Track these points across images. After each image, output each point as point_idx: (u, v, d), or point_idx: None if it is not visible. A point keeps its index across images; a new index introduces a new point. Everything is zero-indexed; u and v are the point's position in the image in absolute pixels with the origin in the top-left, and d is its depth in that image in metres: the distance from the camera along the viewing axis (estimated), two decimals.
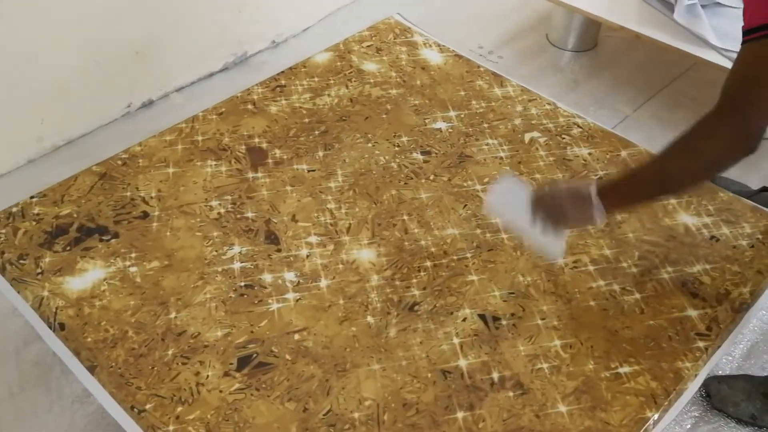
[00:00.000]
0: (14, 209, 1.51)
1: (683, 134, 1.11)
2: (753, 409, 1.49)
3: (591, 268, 1.41)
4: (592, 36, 2.78)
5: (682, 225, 1.50)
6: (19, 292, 1.36)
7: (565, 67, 2.70)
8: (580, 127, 1.73)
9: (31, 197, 1.53)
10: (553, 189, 1.28)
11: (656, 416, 1.19)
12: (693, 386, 1.26)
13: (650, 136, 2.22)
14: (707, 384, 1.54)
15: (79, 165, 1.62)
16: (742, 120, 1.05)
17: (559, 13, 2.73)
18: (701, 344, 1.29)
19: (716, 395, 1.54)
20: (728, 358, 1.65)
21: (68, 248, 1.43)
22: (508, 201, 1.33)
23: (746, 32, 1.04)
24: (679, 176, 1.14)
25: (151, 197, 1.53)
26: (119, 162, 1.62)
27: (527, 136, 1.71)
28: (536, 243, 1.32)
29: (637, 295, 1.36)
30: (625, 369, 1.25)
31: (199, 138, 1.69)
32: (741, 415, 1.52)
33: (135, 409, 1.18)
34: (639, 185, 1.19)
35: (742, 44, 1.05)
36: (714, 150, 1.08)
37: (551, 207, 1.25)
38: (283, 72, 1.89)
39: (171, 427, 1.16)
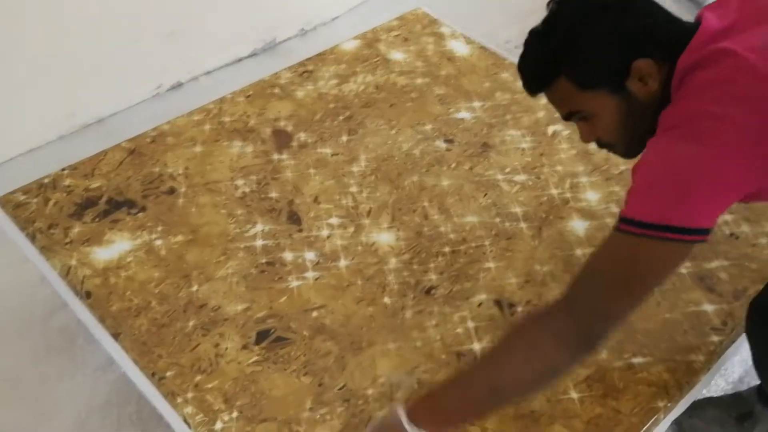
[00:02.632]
0: (46, 180, 1.55)
1: (515, 333, 0.99)
2: None
3: None
4: None
5: None
6: (47, 261, 1.40)
7: None
8: None
9: (63, 169, 1.57)
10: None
11: (668, 404, 1.20)
12: (706, 378, 1.27)
13: None
14: (680, 422, 1.35)
15: (108, 142, 1.65)
16: (588, 326, 0.94)
17: None
18: (716, 338, 1.29)
19: (691, 431, 1.40)
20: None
21: (97, 220, 1.47)
22: None
23: (628, 221, 0.92)
24: (515, 386, 0.97)
25: (179, 174, 1.57)
26: (148, 139, 1.65)
27: (550, 129, 1.72)
28: None
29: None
30: (638, 360, 1.26)
31: (227, 119, 1.72)
32: None
33: (156, 376, 1.21)
34: (463, 398, 0.99)
35: (617, 229, 0.94)
36: (550, 358, 0.94)
37: None
38: (310, 58, 1.92)
39: (190, 395, 1.19)
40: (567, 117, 1.13)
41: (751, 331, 1.21)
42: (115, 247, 1.42)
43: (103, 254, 1.40)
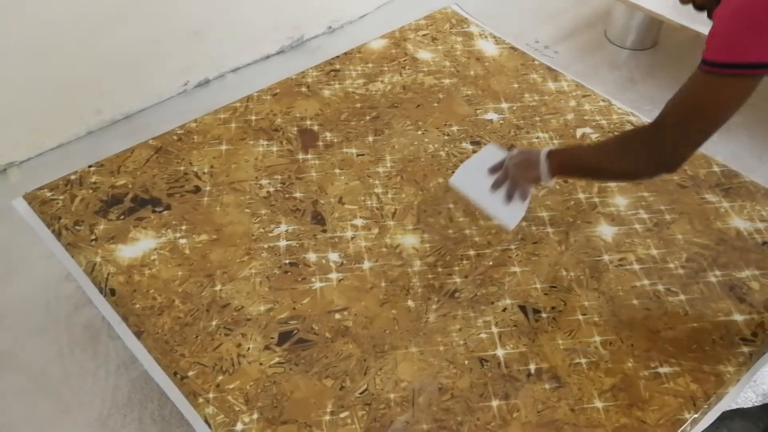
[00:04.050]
0: (72, 177, 1.56)
1: (624, 136, 1.20)
2: None
3: (636, 266, 1.40)
4: (653, 35, 2.73)
5: (733, 229, 1.47)
6: (73, 257, 1.41)
7: (623, 65, 2.66)
8: (634, 126, 1.71)
9: (89, 166, 1.58)
10: (513, 152, 1.36)
11: (695, 416, 1.17)
12: (734, 391, 1.24)
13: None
14: None
15: (136, 139, 1.66)
16: (671, 147, 1.10)
17: (619, 10, 2.69)
18: (745, 349, 1.26)
19: None
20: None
21: (122, 217, 1.48)
22: (479, 170, 1.39)
23: (708, 63, 1.03)
24: (608, 173, 1.26)
25: (204, 173, 1.57)
26: (175, 137, 1.66)
27: (579, 132, 1.69)
28: (493, 208, 1.36)
29: (682, 297, 1.34)
30: (665, 369, 1.23)
31: (253, 117, 1.72)
32: None
33: (178, 375, 1.22)
34: (579, 163, 1.27)
35: (699, 68, 1.05)
36: (638, 164, 1.15)
37: (510, 167, 1.34)
38: (337, 57, 1.91)
39: (211, 395, 1.19)
40: None
41: None
42: (140, 245, 1.42)
43: (128, 252, 1.41)
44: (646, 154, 1.13)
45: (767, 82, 1.19)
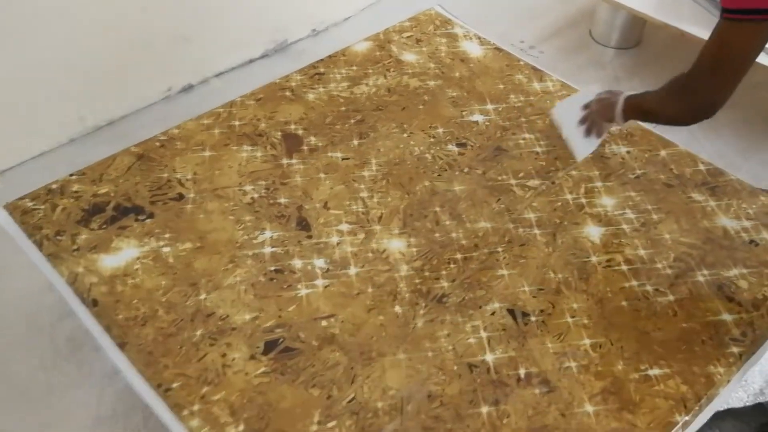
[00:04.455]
0: (54, 186, 1.54)
1: (670, 82, 1.30)
2: None
3: (625, 267, 1.39)
4: (637, 33, 2.73)
5: (720, 228, 1.46)
6: (54, 268, 1.39)
7: (608, 64, 2.66)
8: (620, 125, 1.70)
9: (71, 175, 1.56)
10: (601, 93, 1.53)
11: (686, 419, 1.16)
12: (725, 392, 1.23)
13: (691, 137, 2.17)
14: None
15: (119, 145, 1.64)
16: (703, 92, 1.21)
17: (603, 9, 2.69)
18: (735, 349, 1.26)
19: None
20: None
21: (104, 226, 1.45)
22: (573, 108, 1.58)
23: (726, 10, 1.12)
24: (662, 117, 1.35)
25: (187, 179, 1.55)
26: (157, 144, 1.64)
27: (565, 132, 1.68)
28: (573, 139, 1.57)
29: (671, 297, 1.34)
30: (655, 371, 1.22)
31: (236, 123, 1.70)
32: None
33: (162, 387, 1.20)
34: (643, 108, 1.40)
35: (722, 17, 1.14)
36: (680, 109, 1.27)
37: (593, 105, 1.52)
38: (322, 60, 1.90)
39: (196, 407, 1.17)
40: None
41: None
42: (123, 254, 1.40)
43: (111, 261, 1.39)
44: (683, 99, 1.25)
45: (746, 83, 1.19)
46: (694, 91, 1.23)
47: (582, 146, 1.56)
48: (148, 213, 1.48)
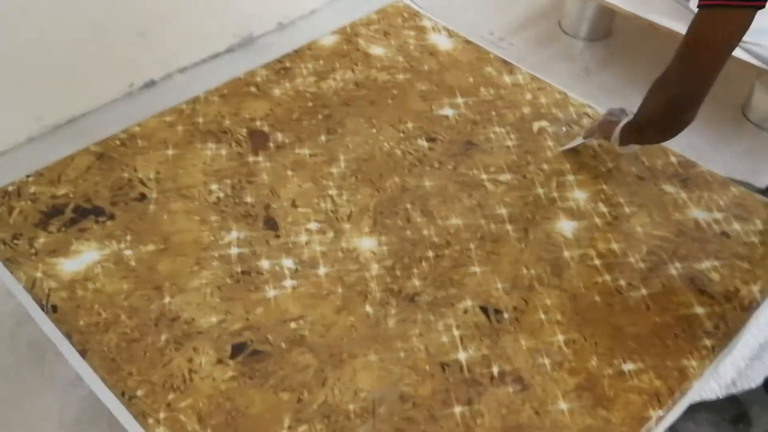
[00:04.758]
0: (10, 188, 1.48)
1: (651, 86, 1.27)
2: None
3: (598, 262, 1.38)
4: (606, 25, 2.73)
5: (692, 220, 1.46)
6: (12, 273, 1.34)
7: (578, 56, 2.65)
8: (591, 117, 1.69)
9: (27, 176, 1.51)
10: (613, 109, 1.50)
11: (660, 413, 1.15)
12: (699, 385, 1.23)
13: None
14: (673, 426, 1.34)
15: (79, 144, 1.59)
16: (684, 83, 1.19)
17: (572, 0, 2.68)
18: (708, 342, 1.25)
19: None
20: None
21: (63, 229, 1.40)
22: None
23: None
24: (652, 128, 1.33)
25: (149, 179, 1.50)
26: (118, 142, 1.59)
27: (536, 125, 1.67)
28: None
29: (644, 291, 1.33)
30: (629, 366, 1.21)
31: (200, 120, 1.65)
32: None
33: (126, 395, 1.15)
34: (635, 120, 1.37)
35: (699, 5, 1.12)
36: (661, 109, 1.26)
37: (599, 122, 1.52)
38: (288, 54, 1.86)
39: (162, 415, 1.13)
40: None
41: None
42: (83, 257, 1.35)
43: (70, 266, 1.34)
44: (663, 95, 1.23)
45: (725, 72, 1.18)
46: (674, 83, 1.20)
47: (572, 142, 1.58)
48: (109, 214, 1.43)
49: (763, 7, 1.09)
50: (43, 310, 1.28)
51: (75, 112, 2.22)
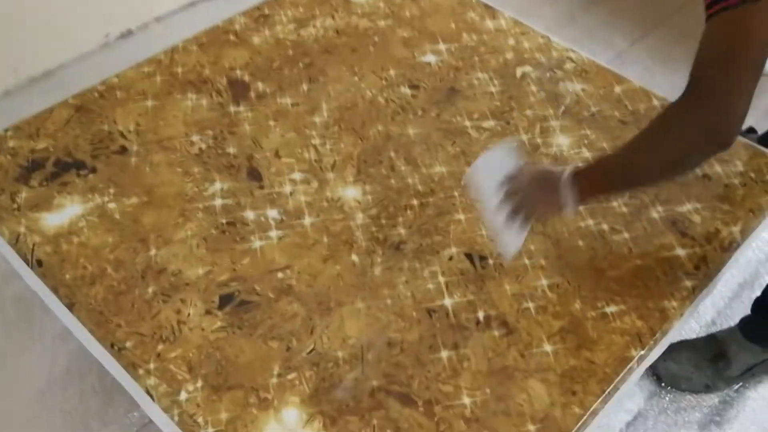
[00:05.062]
0: None
1: (658, 117, 1.02)
2: (705, 379, 1.41)
3: (580, 207, 1.38)
4: None
5: None
6: None
7: None
8: (574, 62, 1.68)
9: (5, 130, 1.48)
10: (528, 167, 1.16)
11: (641, 353, 1.18)
12: (679, 324, 1.25)
13: (646, 72, 2.17)
14: (655, 365, 1.40)
15: (57, 97, 1.56)
16: (713, 107, 0.94)
17: None
18: (689, 283, 1.27)
19: (665, 375, 1.43)
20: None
21: (45, 183, 1.39)
22: (490, 175, 1.19)
23: (708, 6, 0.93)
24: (647, 173, 1.05)
25: (130, 131, 1.49)
26: (96, 94, 1.56)
27: (519, 71, 1.66)
28: (495, 230, 1.21)
29: (626, 235, 1.34)
30: (611, 308, 1.24)
31: (179, 70, 1.62)
32: (696, 388, 1.43)
33: (115, 347, 1.16)
34: (610, 176, 1.09)
35: (708, 18, 0.95)
36: (682, 145, 0.98)
37: (523, 184, 1.15)
38: (266, 1, 1.82)
39: (152, 365, 1.14)
40: None
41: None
42: (66, 211, 1.34)
43: (54, 220, 1.33)
44: (692, 123, 0.96)
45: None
46: (706, 106, 0.95)
47: (509, 236, 1.20)
48: (91, 168, 1.42)
49: None
50: (28, 265, 1.28)
51: (51, 64, 2.17)
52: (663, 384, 1.45)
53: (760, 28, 0.90)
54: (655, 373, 1.39)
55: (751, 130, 1.93)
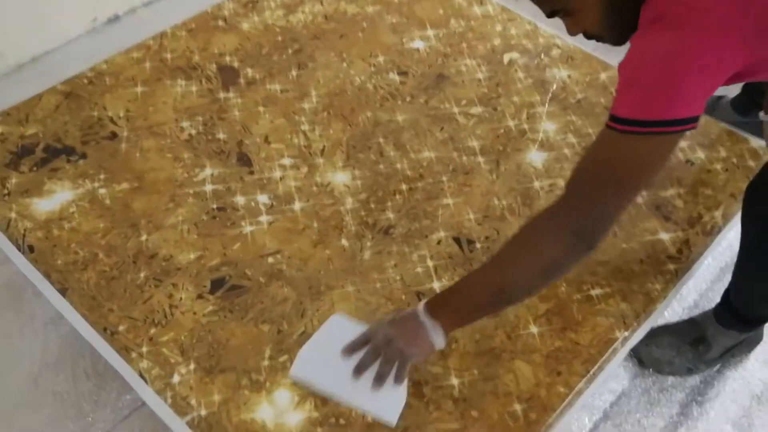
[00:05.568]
0: None
1: (525, 226, 1.01)
2: (687, 363, 1.42)
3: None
4: None
5: None
6: None
7: None
8: (560, 49, 1.70)
9: None
10: (378, 327, 1.08)
11: (625, 334, 1.21)
12: (662, 307, 1.28)
13: None
14: (637, 350, 1.39)
15: (45, 83, 1.56)
16: (587, 211, 0.95)
17: None
18: (672, 267, 1.30)
19: (648, 359, 1.43)
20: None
21: (35, 169, 1.39)
22: (327, 351, 1.10)
23: (614, 118, 0.92)
24: (520, 281, 0.99)
25: (120, 117, 1.49)
26: (85, 80, 1.56)
27: (506, 57, 1.67)
28: (368, 402, 1.07)
29: None
30: (596, 291, 1.26)
31: (168, 56, 1.63)
32: (678, 372, 1.43)
33: (108, 331, 1.18)
34: (475, 299, 1.03)
35: (606, 127, 0.94)
36: (555, 249, 0.96)
37: (381, 344, 1.06)
38: None
39: (144, 349, 1.16)
40: (550, 15, 1.07)
41: (747, 212, 1.19)
42: (57, 197, 1.35)
43: (44, 205, 1.34)
44: (564, 225, 0.95)
45: None
46: (576, 219, 0.95)
47: (386, 404, 1.07)
48: (81, 153, 1.42)
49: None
50: (19, 251, 1.29)
51: (38, 49, 2.16)
52: (645, 368, 1.48)
53: (655, 160, 0.92)
54: (637, 357, 1.41)
55: (719, 97, 1.90)
